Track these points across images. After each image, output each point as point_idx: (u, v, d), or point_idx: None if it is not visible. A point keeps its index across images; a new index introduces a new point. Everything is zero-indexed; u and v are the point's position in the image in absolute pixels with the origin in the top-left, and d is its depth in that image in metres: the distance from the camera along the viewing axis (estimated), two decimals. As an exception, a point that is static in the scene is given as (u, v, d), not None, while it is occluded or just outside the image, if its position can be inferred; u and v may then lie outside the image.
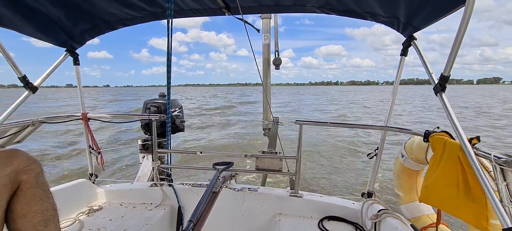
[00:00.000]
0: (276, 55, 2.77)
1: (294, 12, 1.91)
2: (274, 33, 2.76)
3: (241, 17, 1.95)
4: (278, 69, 2.86)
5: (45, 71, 2.00)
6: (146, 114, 2.62)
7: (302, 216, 1.91)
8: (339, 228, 1.76)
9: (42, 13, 1.72)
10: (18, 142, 2.02)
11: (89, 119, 2.20)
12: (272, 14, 3.11)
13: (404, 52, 1.80)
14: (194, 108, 26.54)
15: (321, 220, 1.84)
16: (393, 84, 1.89)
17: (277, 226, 1.80)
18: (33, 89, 1.90)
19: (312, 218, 1.89)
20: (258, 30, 2.79)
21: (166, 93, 2.15)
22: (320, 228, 1.77)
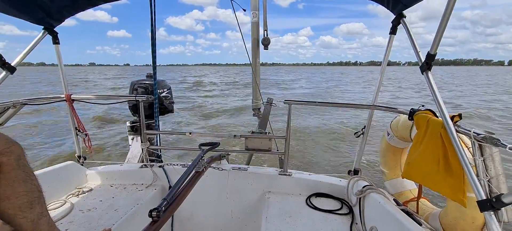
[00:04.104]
0: (265, 35, 2.70)
1: None
2: (263, 11, 2.68)
3: None
4: (267, 49, 2.80)
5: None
6: (133, 95, 2.56)
7: (290, 194, 1.97)
8: (326, 204, 1.83)
9: None
10: (0, 124, 1.95)
11: (73, 100, 2.14)
12: None
13: (393, 31, 1.80)
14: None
15: (309, 197, 1.90)
16: (415, 63, 1.75)
17: (266, 203, 1.85)
18: (10, 69, 1.81)
19: (300, 195, 1.95)
20: (245, 10, 2.70)
21: (152, 74, 2.10)
22: (307, 204, 1.83)
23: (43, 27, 1.98)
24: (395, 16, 1.74)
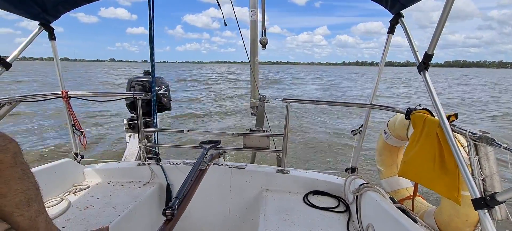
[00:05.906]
0: (263, 35, 2.70)
1: None
2: (261, 10, 2.67)
3: None
4: (264, 49, 2.79)
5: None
6: (130, 93, 2.55)
7: (288, 191, 1.98)
8: (323, 202, 1.84)
9: None
10: None
11: (70, 97, 2.12)
12: None
13: (391, 30, 1.81)
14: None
15: (306, 195, 1.91)
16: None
17: (264, 201, 1.86)
18: (6, 65, 1.79)
19: (297, 193, 1.96)
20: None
21: (150, 71, 2.09)
22: (305, 202, 1.84)
23: (39, 22, 1.96)
24: (393, 15, 1.75)
